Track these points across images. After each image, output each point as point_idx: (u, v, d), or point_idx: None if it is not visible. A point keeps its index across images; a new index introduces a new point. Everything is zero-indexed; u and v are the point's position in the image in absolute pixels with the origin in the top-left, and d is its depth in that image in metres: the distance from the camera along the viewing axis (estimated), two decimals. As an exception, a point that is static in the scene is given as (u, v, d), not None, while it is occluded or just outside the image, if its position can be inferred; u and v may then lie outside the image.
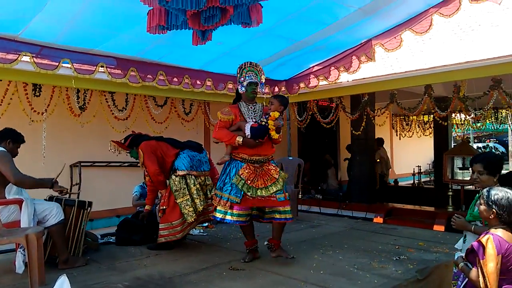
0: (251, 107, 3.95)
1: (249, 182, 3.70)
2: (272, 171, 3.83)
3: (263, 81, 4.01)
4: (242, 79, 3.92)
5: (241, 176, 3.71)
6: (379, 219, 6.71)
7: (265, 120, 3.79)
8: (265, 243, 3.95)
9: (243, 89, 3.91)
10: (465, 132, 13.73)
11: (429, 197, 8.58)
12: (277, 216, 3.84)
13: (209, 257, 4.14)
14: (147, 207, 4.68)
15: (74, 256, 3.93)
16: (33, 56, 4.24)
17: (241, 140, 3.73)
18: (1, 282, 3.47)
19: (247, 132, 3.77)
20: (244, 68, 3.95)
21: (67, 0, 3.53)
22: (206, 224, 5.70)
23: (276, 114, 3.78)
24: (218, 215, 3.80)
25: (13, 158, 3.68)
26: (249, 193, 3.68)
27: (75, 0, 3.58)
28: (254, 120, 3.87)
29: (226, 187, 3.76)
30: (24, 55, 4.16)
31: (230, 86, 6.07)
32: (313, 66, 6.31)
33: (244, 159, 3.81)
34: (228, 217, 3.76)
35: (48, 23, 3.91)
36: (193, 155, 4.41)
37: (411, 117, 11.82)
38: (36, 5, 3.55)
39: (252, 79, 3.90)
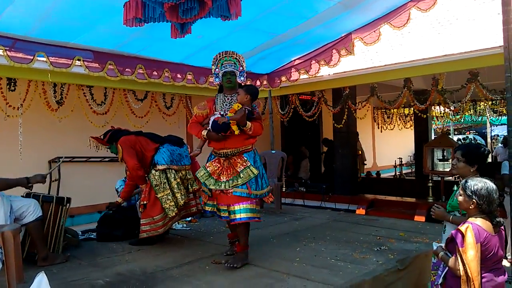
0: (227, 99, 3.76)
1: (215, 176, 3.61)
2: (238, 164, 3.59)
3: (244, 69, 3.85)
4: (218, 70, 3.80)
5: (207, 169, 3.67)
6: (361, 211, 6.79)
7: (225, 113, 3.61)
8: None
9: (218, 80, 3.82)
10: (445, 124, 13.99)
11: (410, 188, 8.73)
12: (231, 216, 3.53)
13: (191, 251, 4.12)
14: (119, 199, 4.59)
15: (53, 253, 3.88)
16: (6, 50, 4.10)
17: (205, 133, 3.67)
18: (-23, 281, 3.39)
19: (210, 125, 3.68)
20: (220, 58, 3.81)
21: (41, -8, 3.44)
22: (189, 218, 5.68)
23: (236, 106, 3.55)
24: (207, 208, 3.86)
25: None
26: (212, 187, 3.60)
27: (49, -9, 3.49)
28: (221, 113, 3.68)
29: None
30: (-4, 48, 4.04)
31: (211, 79, 6.02)
32: (294, 60, 6.31)
33: (214, 152, 3.76)
34: (206, 208, 3.84)
35: (21, 16, 3.79)
36: (173, 149, 4.36)
37: (392, 110, 11.97)
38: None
39: (226, 68, 3.75)
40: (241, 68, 3.82)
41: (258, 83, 6.83)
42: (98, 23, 4.15)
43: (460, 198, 2.44)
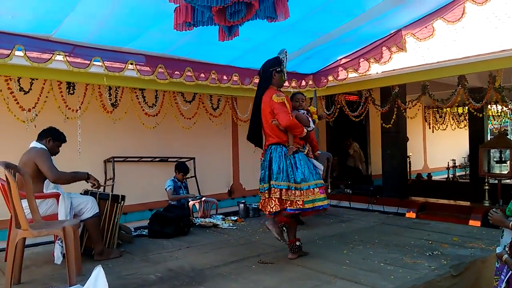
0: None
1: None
2: (309, 154, 3.86)
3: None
4: (284, 65, 3.78)
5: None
6: (411, 214, 6.56)
7: (310, 116, 3.92)
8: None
9: (285, 76, 3.81)
10: (502, 124, 13.19)
11: (464, 191, 8.32)
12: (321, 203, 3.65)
13: (238, 250, 4.18)
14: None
15: (109, 248, 4.07)
16: (66, 55, 4.40)
17: (306, 131, 3.74)
18: (41, 272, 3.64)
19: (311, 125, 3.85)
20: (284, 53, 3.80)
21: (97, 0, 3.63)
22: (235, 217, 5.77)
23: (313, 109, 3.98)
24: (324, 203, 3.63)
25: (55, 156, 3.83)
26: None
27: (105, 0, 3.68)
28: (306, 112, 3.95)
29: (308, 174, 3.61)
30: (58, 54, 4.32)
31: (257, 80, 6.08)
32: (341, 59, 6.23)
33: (299, 147, 3.76)
34: (319, 203, 3.61)
35: (79, 23, 4.03)
36: None
37: (444, 109, 11.46)
38: (67, 5, 3.66)
39: (285, 66, 3.80)
40: None
41: (303, 83, 6.80)
42: (150, 28, 4.33)
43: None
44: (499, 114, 11.68)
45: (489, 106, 10.55)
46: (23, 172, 3.26)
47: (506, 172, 6.88)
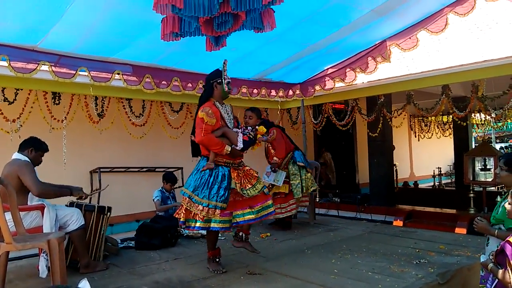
0: (223, 108, 3.85)
1: (239, 185, 3.71)
2: (251, 171, 3.88)
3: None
4: (226, 77, 3.81)
5: (234, 180, 3.70)
6: (398, 222, 6.60)
7: (252, 134, 3.79)
8: (233, 234, 4.01)
9: (227, 87, 3.81)
10: (486, 132, 13.43)
11: (450, 199, 8.42)
12: (265, 212, 3.80)
13: (226, 261, 4.14)
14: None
15: (95, 260, 4.00)
16: (51, 65, 4.34)
17: (230, 149, 3.67)
18: (25, 286, 3.56)
19: (240, 144, 3.72)
20: (226, 65, 3.83)
21: (84, 10, 3.61)
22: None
23: (262, 129, 3.91)
24: (199, 225, 3.59)
25: (37, 166, 3.77)
26: (245, 195, 3.68)
27: (91, 10, 3.66)
28: (242, 131, 3.80)
29: (214, 193, 3.58)
30: (43, 64, 4.27)
31: (244, 90, 6.11)
32: (328, 69, 6.28)
33: (228, 163, 3.74)
34: (214, 225, 3.59)
35: (66, 33, 4.00)
36: None
37: (429, 118, 11.63)
38: (54, 15, 3.63)
39: (229, 78, 3.84)
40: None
41: (290, 92, 6.84)
42: (137, 38, 4.32)
43: (509, 207, 2.33)
44: (482, 122, 11.89)
45: (473, 115, 10.75)
46: (6, 184, 3.19)
47: (490, 179, 6.98)
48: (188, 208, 3.63)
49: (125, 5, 3.62)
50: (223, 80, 3.78)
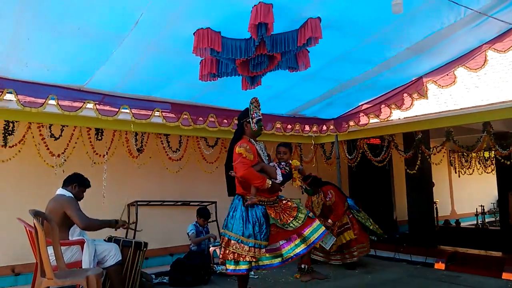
0: (257, 145, 3.90)
1: (279, 220, 3.67)
2: (288, 204, 3.82)
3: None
4: (254, 115, 3.86)
5: (272, 216, 3.67)
6: (440, 265, 6.24)
7: (288, 169, 3.89)
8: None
9: (256, 126, 3.85)
10: (532, 168, 12.73)
11: (495, 240, 7.94)
12: (316, 235, 3.71)
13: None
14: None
15: (129, 296, 4.03)
16: (96, 104, 4.61)
17: (271, 183, 3.67)
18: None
19: (279, 177, 3.76)
20: (253, 103, 3.88)
21: (128, 53, 3.83)
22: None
23: (296, 163, 3.96)
24: (244, 267, 3.56)
25: (79, 202, 3.93)
26: (289, 228, 3.64)
27: (135, 52, 3.88)
28: (279, 165, 3.89)
29: (257, 232, 3.56)
30: (88, 102, 4.54)
31: (278, 126, 6.17)
32: (362, 105, 6.26)
33: (262, 201, 3.71)
34: (265, 262, 3.64)
35: (110, 74, 4.24)
36: None
37: (470, 154, 11.19)
38: (101, 58, 3.88)
39: (259, 116, 3.88)
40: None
41: (324, 127, 6.84)
42: (176, 78, 4.51)
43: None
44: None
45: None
46: (50, 219, 3.33)
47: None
48: (235, 251, 3.57)
49: (166, 48, 3.81)
50: (251, 120, 3.84)
